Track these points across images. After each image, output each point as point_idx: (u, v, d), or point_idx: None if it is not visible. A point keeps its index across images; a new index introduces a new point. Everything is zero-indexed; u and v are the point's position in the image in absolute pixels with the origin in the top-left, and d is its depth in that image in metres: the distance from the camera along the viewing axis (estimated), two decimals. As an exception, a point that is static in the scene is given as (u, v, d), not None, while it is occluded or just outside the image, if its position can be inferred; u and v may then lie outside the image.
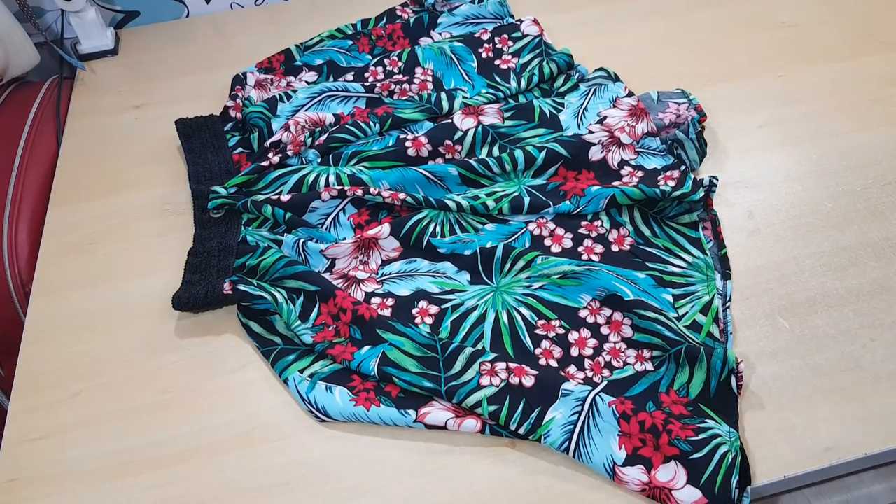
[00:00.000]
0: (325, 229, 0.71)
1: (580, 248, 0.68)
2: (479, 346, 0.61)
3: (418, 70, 0.86)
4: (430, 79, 0.85)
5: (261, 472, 0.56)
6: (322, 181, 0.72)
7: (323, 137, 0.77)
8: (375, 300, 0.65)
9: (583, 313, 0.63)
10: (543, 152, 0.73)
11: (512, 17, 0.94)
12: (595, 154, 0.74)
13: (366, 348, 0.61)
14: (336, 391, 0.59)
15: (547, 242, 0.69)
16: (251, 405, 0.60)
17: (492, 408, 0.56)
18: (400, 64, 0.86)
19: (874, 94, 0.83)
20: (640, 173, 0.73)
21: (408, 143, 0.75)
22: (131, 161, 0.81)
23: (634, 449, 0.54)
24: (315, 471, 0.56)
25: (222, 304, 0.66)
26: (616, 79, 0.83)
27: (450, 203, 0.69)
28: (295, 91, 0.82)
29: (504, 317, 0.63)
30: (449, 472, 0.56)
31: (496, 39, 0.89)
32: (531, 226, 0.70)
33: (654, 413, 0.56)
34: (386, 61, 0.86)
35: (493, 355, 0.60)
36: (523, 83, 0.83)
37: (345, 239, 0.69)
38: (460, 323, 0.63)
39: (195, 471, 0.57)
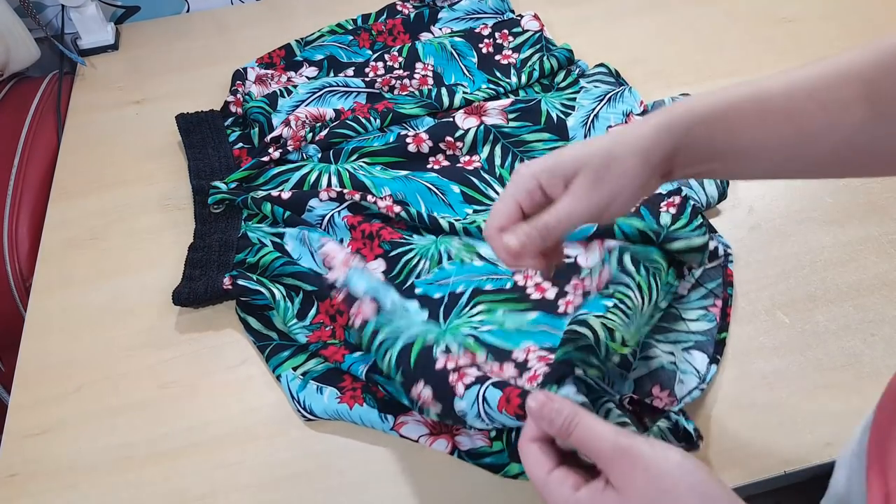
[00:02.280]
0: (322, 229, 0.70)
1: (560, 301, 0.62)
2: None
3: (418, 65, 0.86)
4: (430, 74, 0.85)
5: (261, 467, 0.56)
6: (324, 181, 0.72)
7: (323, 133, 0.77)
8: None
9: (516, 354, 0.58)
10: None
11: (512, 12, 0.94)
12: None
13: (358, 353, 0.60)
14: (326, 392, 0.59)
15: (528, 291, 0.63)
16: (252, 400, 0.60)
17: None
18: (400, 59, 0.86)
19: (875, 90, 0.82)
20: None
21: (408, 140, 0.75)
22: (132, 156, 0.81)
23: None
24: (316, 466, 0.56)
25: (222, 300, 0.66)
26: (617, 75, 0.83)
27: (443, 223, 0.67)
28: (295, 86, 0.82)
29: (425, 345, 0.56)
30: (450, 466, 0.56)
31: (496, 34, 0.89)
32: (517, 276, 0.64)
33: None
34: (386, 56, 0.86)
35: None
36: (524, 78, 0.83)
37: (342, 241, 0.69)
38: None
39: (195, 466, 0.57)
